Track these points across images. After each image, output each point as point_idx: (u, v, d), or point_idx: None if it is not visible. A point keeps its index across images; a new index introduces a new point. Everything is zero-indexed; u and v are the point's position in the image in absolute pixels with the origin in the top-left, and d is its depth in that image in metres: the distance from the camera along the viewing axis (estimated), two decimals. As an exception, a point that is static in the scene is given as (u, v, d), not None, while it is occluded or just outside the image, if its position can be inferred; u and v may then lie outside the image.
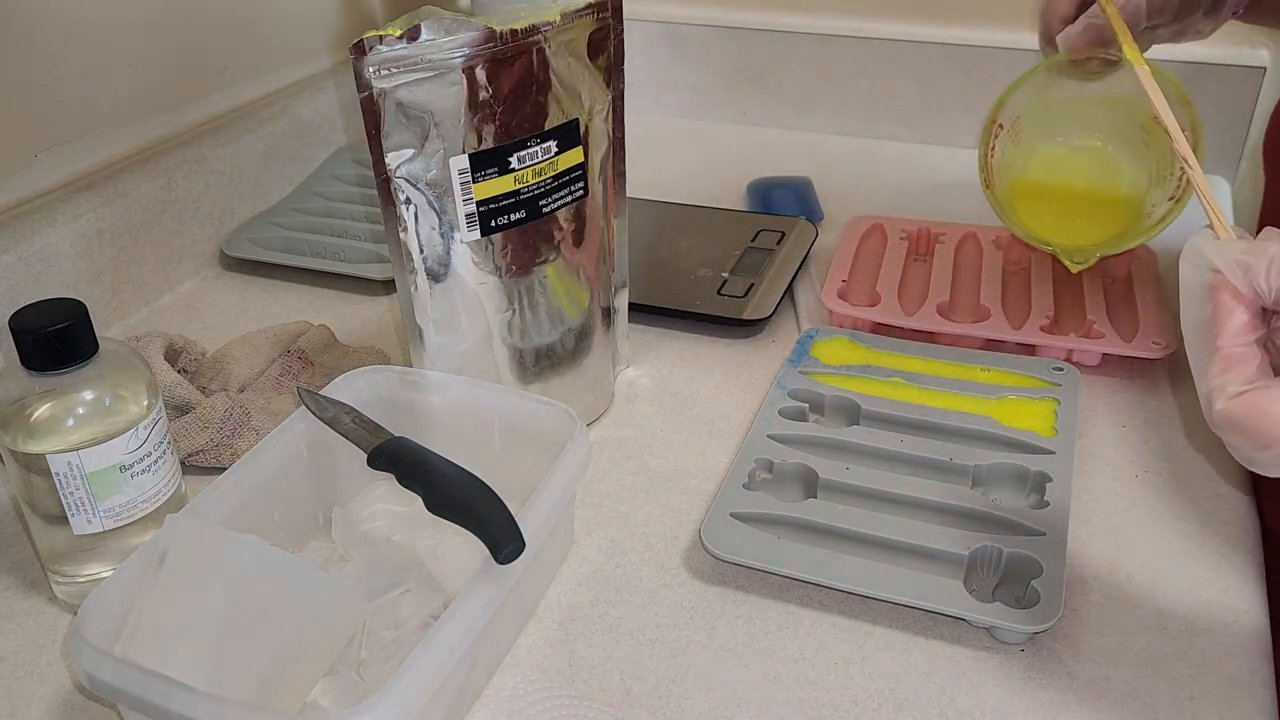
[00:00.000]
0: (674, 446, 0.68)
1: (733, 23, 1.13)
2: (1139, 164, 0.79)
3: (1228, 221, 0.43)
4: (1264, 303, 0.41)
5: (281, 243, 0.89)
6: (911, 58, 1.08)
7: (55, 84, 0.78)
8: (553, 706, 0.50)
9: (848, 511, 0.59)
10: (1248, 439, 0.39)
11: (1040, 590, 0.53)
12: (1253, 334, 0.40)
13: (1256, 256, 0.40)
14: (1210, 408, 0.41)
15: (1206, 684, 0.51)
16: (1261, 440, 0.39)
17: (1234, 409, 0.39)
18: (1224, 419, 0.40)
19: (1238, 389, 0.40)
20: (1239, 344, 0.40)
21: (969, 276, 0.81)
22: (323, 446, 0.57)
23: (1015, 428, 0.64)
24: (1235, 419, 0.40)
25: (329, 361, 0.73)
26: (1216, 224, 0.43)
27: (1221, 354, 0.40)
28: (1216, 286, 0.41)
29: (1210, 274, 0.41)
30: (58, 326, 0.50)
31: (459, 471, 0.50)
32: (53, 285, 0.75)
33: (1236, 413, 0.39)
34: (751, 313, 0.78)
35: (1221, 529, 0.60)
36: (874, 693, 0.51)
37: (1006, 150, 0.79)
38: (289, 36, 1.00)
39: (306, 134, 0.99)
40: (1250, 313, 0.41)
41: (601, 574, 0.58)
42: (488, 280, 0.61)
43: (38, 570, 0.59)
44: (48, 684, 0.53)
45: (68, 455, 0.51)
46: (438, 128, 0.57)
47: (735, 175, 1.04)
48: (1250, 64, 0.97)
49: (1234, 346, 0.40)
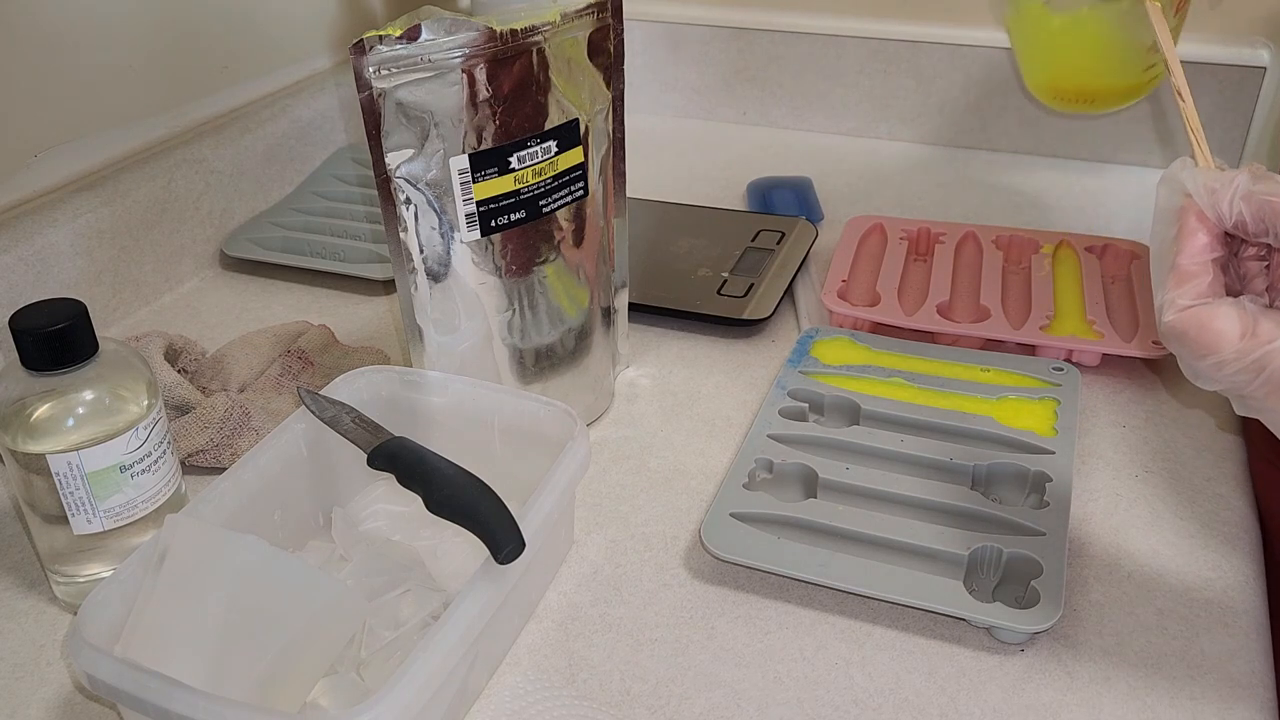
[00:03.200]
0: (674, 446, 0.68)
1: (733, 23, 1.13)
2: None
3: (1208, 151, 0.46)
4: (1224, 226, 0.43)
5: (281, 243, 0.89)
6: (911, 58, 1.08)
7: (55, 84, 0.78)
8: (553, 706, 0.51)
9: (848, 511, 0.59)
10: (1190, 349, 0.42)
11: (1040, 590, 0.53)
12: (1210, 254, 0.43)
13: (1223, 183, 0.43)
14: (1161, 319, 0.43)
15: (1206, 684, 0.51)
16: (1200, 350, 0.42)
17: (1180, 320, 0.42)
18: (1170, 329, 0.43)
19: (1186, 303, 0.42)
20: (1195, 262, 0.43)
21: (969, 276, 0.81)
22: (323, 446, 0.57)
23: (1015, 428, 0.64)
24: (1180, 330, 0.42)
25: (329, 361, 0.73)
26: (1198, 152, 0.46)
27: (1178, 270, 0.43)
28: (1185, 209, 0.44)
29: (1183, 198, 0.44)
30: (58, 326, 0.50)
31: (459, 471, 0.50)
32: (53, 285, 0.75)
33: (1182, 324, 0.42)
34: (751, 313, 0.78)
35: (1221, 529, 0.60)
36: (874, 693, 0.51)
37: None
38: (289, 36, 1.00)
39: (306, 134, 0.99)
40: (1211, 235, 0.43)
41: (601, 574, 0.58)
42: (488, 280, 0.61)
43: (38, 570, 0.59)
44: (48, 684, 0.53)
45: (68, 455, 0.51)
46: (438, 128, 0.57)
47: (735, 175, 1.04)
48: (1250, 64, 0.97)
49: (1190, 264, 0.43)
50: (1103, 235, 0.85)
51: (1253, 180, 0.42)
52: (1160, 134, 1.02)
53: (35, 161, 0.78)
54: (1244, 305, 0.42)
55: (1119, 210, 0.95)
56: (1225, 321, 0.41)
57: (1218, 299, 0.42)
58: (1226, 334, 0.41)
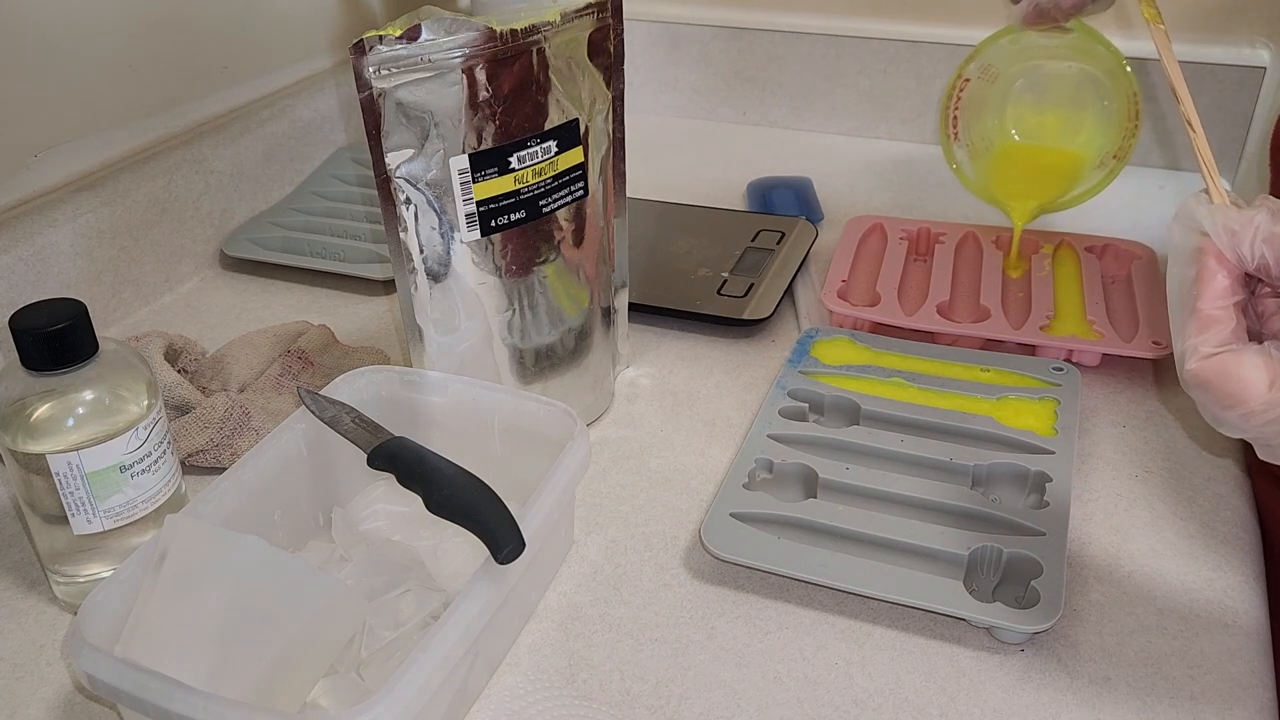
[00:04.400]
0: (674, 446, 0.68)
1: (733, 23, 1.13)
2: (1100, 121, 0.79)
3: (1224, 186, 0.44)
4: (1247, 268, 0.42)
5: (281, 243, 0.89)
6: (911, 58, 1.08)
7: (55, 84, 0.78)
8: (553, 706, 0.51)
9: (848, 511, 0.59)
10: (1214, 399, 0.41)
11: (1040, 590, 0.53)
12: (1231, 298, 0.42)
13: (1243, 224, 0.41)
14: (1183, 366, 0.42)
15: (1206, 684, 0.51)
16: (1226, 401, 0.41)
17: (1204, 369, 0.41)
18: (1194, 378, 0.42)
19: (1210, 350, 0.41)
20: (1217, 307, 0.42)
21: (969, 276, 0.81)
22: (323, 446, 0.57)
23: (1015, 428, 0.64)
24: (1204, 379, 0.41)
25: (329, 361, 0.73)
26: (1212, 188, 0.44)
27: (1199, 315, 0.42)
28: (1203, 250, 0.42)
29: (1199, 237, 0.43)
30: (58, 326, 0.50)
31: (459, 471, 0.50)
32: (53, 285, 0.75)
33: (1206, 373, 0.41)
34: (751, 313, 0.78)
35: (1221, 529, 0.60)
36: (874, 693, 0.51)
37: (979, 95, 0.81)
38: (289, 36, 1.00)
39: (306, 134, 0.99)
40: (1232, 278, 0.42)
41: (601, 574, 0.58)
42: (488, 280, 0.61)
43: (38, 570, 0.59)
44: (48, 684, 0.53)
45: (68, 455, 0.51)
46: (438, 128, 0.57)
47: (735, 175, 1.04)
48: (1250, 64, 0.97)
49: (1212, 309, 0.42)
50: (1103, 235, 0.85)
51: (1273, 220, 0.41)
52: (1160, 134, 1.02)
53: (35, 161, 0.78)
54: (1270, 353, 0.40)
55: (1119, 210, 0.95)
56: (1252, 370, 0.40)
57: (1242, 346, 0.41)
58: (1254, 383, 0.40)
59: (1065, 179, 0.80)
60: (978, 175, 0.82)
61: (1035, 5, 0.70)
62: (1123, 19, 0.98)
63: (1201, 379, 0.41)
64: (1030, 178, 0.81)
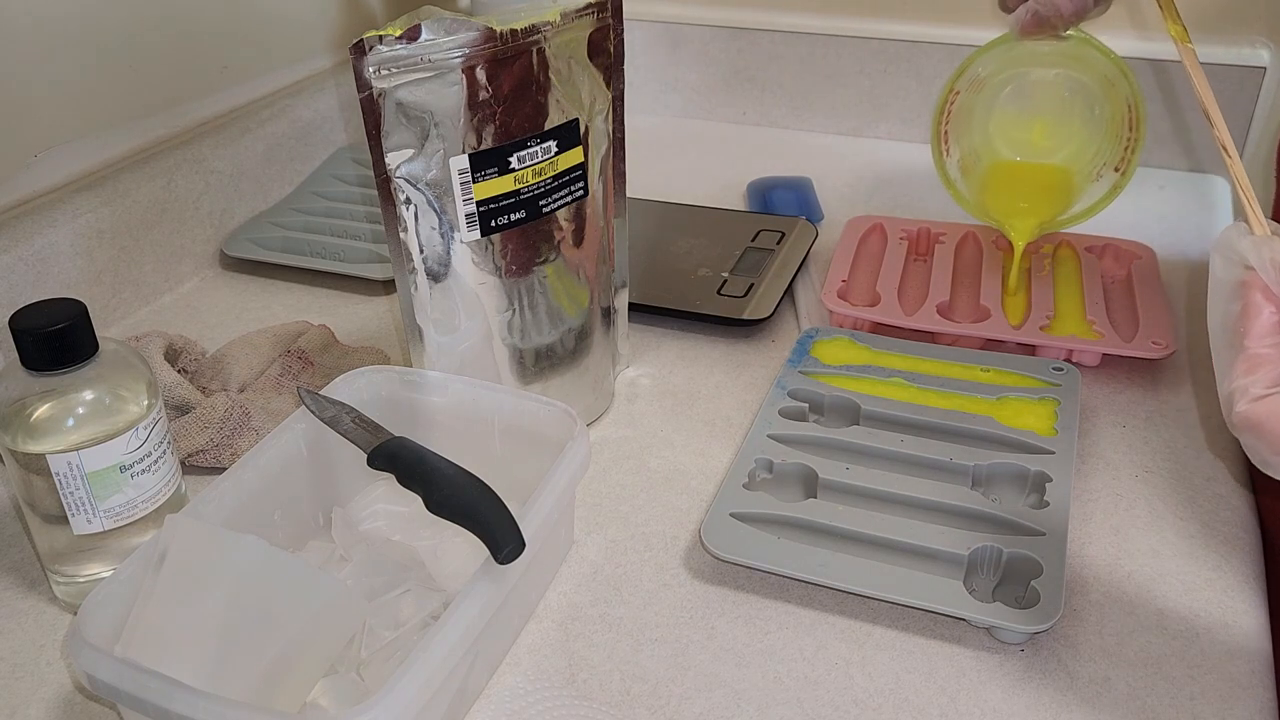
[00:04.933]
0: (674, 446, 0.68)
1: (733, 23, 1.13)
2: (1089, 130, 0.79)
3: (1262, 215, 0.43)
4: None
5: (281, 243, 0.89)
6: (911, 58, 1.08)
7: (55, 84, 0.78)
8: (553, 706, 0.51)
9: (848, 511, 0.59)
10: (1267, 442, 0.39)
11: (1040, 590, 0.53)
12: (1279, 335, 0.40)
13: None
14: (1231, 409, 0.40)
15: (1206, 684, 0.51)
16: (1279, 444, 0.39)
17: (1255, 412, 0.39)
18: (1244, 421, 0.40)
19: (1261, 391, 0.39)
20: (1266, 345, 0.40)
21: (969, 276, 0.81)
22: (323, 446, 0.57)
23: (1015, 428, 0.64)
24: (1255, 422, 0.39)
25: (329, 361, 0.73)
26: (1253, 218, 0.42)
27: (1247, 355, 0.40)
28: (1248, 284, 0.40)
29: (1243, 270, 0.41)
30: (58, 326, 0.50)
31: (459, 471, 0.50)
32: (53, 285, 0.75)
33: (1257, 415, 0.39)
34: (751, 313, 0.78)
35: (1221, 529, 0.60)
36: (874, 693, 0.51)
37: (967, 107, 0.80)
38: (289, 36, 1.00)
39: (306, 134, 0.99)
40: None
41: (601, 574, 0.58)
42: (488, 280, 0.61)
43: (38, 570, 0.59)
44: (48, 684, 0.53)
45: (68, 455, 0.51)
46: (438, 128, 0.57)
47: (735, 175, 1.04)
48: (1250, 64, 0.97)
49: (1261, 348, 0.40)
50: (1103, 235, 0.85)
51: None
52: (1159, 134, 1.02)
53: (35, 161, 0.78)
54: None
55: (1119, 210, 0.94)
56: None
57: None
58: None
59: (1060, 193, 0.79)
60: (971, 193, 0.81)
61: (1034, 14, 0.68)
62: (1137, 19, 0.98)
63: (1253, 422, 0.39)
64: (1024, 194, 0.80)
